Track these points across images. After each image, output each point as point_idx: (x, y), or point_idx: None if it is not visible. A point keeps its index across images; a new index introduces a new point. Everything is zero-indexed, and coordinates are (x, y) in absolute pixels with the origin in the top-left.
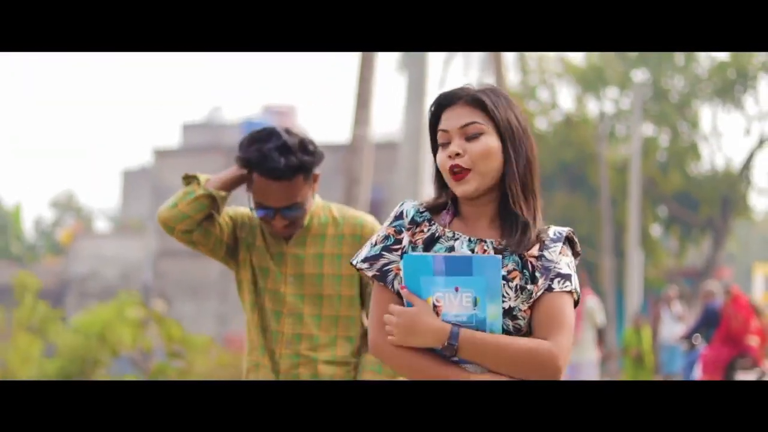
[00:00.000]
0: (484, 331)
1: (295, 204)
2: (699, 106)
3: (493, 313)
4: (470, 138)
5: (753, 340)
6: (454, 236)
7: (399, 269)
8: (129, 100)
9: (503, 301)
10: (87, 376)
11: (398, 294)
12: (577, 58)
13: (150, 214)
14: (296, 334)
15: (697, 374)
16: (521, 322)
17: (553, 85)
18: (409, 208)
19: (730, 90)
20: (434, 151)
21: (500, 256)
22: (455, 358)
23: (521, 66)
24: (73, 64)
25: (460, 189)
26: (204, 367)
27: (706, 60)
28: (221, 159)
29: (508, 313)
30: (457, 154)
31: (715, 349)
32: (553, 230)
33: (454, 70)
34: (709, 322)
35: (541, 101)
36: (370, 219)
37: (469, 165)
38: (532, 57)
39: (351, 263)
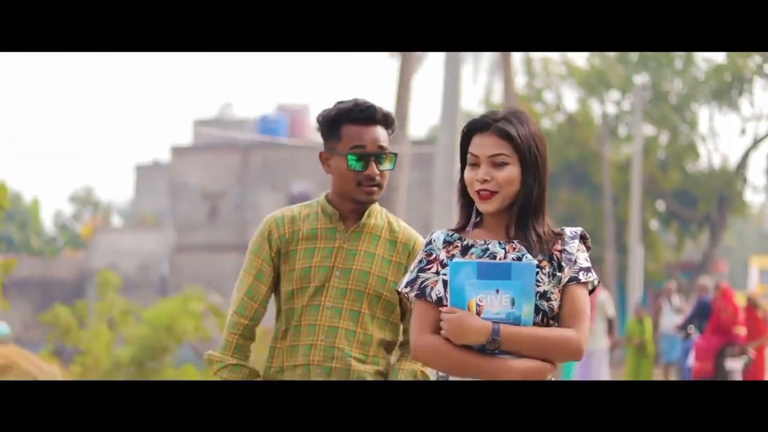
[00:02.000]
0: (519, 325)
1: (387, 153)
2: (697, 108)
3: (527, 311)
4: (497, 165)
5: (741, 330)
6: (485, 242)
7: (435, 282)
8: (140, 98)
9: (538, 286)
10: (156, 362)
11: (437, 302)
12: (580, 61)
13: (167, 209)
14: (333, 326)
15: (691, 360)
16: (554, 303)
17: (557, 88)
18: (438, 234)
19: (726, 92)
20: (463, 167)
21: (535, 263)
22: (497, 351)
23: (527, 70)
24: (80, 63)
25: (484, 207)
26: (255, 354)
27: (704, 63)
28: (237, 156)
29: (543, 295)
30: (486, 180)
31: (707, 338)
32: (569, 230)
33: (465, 75)
34: (702, 314)
35: (547, 103)
36: (420, 236)
37: (495, 189)
38: (538, 61)
39: (396, 289)
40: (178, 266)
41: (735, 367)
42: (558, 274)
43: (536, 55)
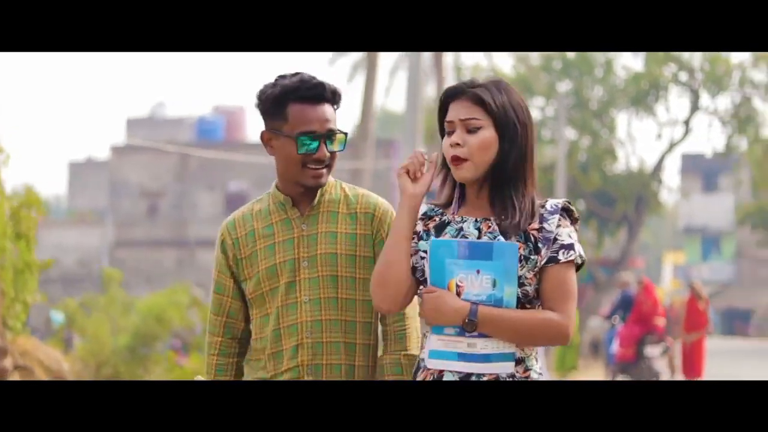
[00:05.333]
0: (501, 307)
1: (335, 133)
2: (616, 114)
3: (509, 292)
4: (470, 130)
5: (660, 321)
6: (462, 220)
7: (414, 252)
8: (71, 95)
9: None
10: (148, 348)
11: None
12: (506, 69)
13: (106, 206)
14: (316, 320)
15: (615, 347)
16: (528, 288)
17: None
18: (422, 207)
19: (643, 99)
20: (442, 137)
21: (518, 244)
22: (475, 333)
23: (457, 76)
24: (11, 61)
25: (457, 174)
26: None
27: (623, 72)
28: (175, 155)
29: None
30: (458, 144)
31: (629, 327)
32: (550, 203)
33: (401, 78)
34: (625, 306)
35: None
36: (381, 199)
37: (466, 155)
38: (467, 67)
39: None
40: (118, 261)
41: (654, 354)
42: (533, 257)
43: (465, 62)
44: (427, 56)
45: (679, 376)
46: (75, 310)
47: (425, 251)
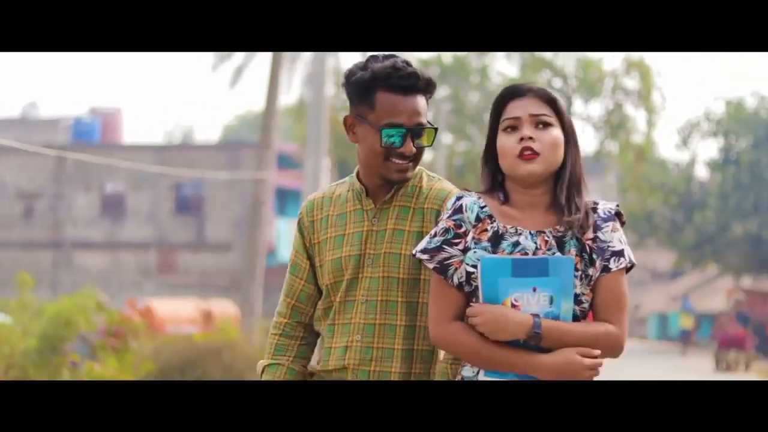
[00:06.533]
0: None
1: (423, 126)
2: None
3: (566, 309)
4: (540, 127)
5: None
6: (516, 231)
7: (459, 264)
8: None
9: None
10: (55, 351)
11: (458, 287)
12: None
13: None
14: (369, 324)
15: None
16: (585, 306)
17: None
18: (470, 203)
19: None
20: (491, 138)
21: (574, 258)
22: (536, 346)
23: (338, 80)
24: None
25: (527, 168)
26: (136, 344)
27: (498, 77)
28: (51, 157)
29: (574, 298)
30: (530, 138)
31: None
32: (602, 209)
33: (281, 86)
34: None
35: None
36: (451, 188)
37: (539, 149)
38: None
39: (412, 254)
40: None
41: None
42: (589, 272)
43: (344, 65)
44: (307, 58)
45: None
46: None
47: (474, 266)
